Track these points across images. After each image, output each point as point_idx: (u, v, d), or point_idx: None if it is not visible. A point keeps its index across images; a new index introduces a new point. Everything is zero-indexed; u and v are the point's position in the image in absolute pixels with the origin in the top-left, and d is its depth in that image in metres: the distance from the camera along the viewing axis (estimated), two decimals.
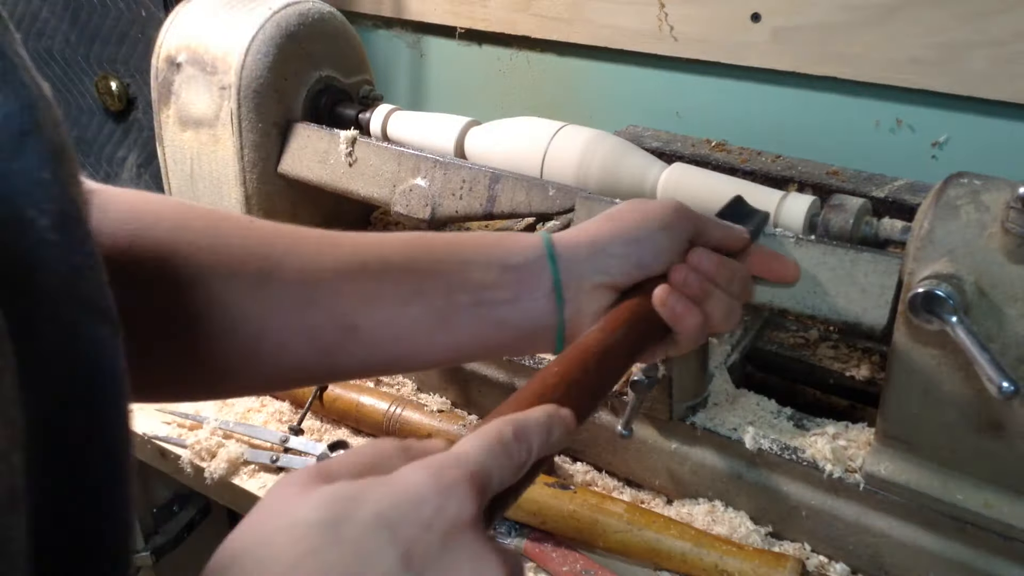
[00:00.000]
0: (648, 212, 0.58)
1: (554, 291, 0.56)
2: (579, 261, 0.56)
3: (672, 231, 0.57)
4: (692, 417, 0.74)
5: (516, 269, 0.56)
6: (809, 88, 0.99)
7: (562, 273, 0.56)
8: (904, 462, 0.64)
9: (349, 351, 0.54)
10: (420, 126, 0.92)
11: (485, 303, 0.55)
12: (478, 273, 0.55)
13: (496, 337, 0.56)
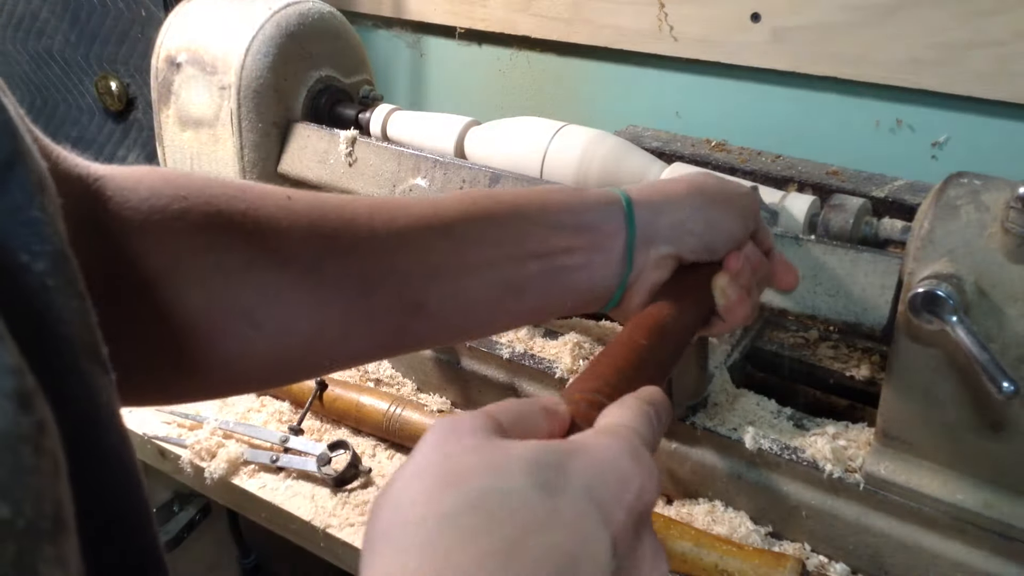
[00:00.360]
0: (729, 195, 0.57)
1: (626, 256, 0.53)
2: (656, 227, 0.54)
3: (747, 222, 0.57)
4: (692, 417, 0.74)
5: (590, 230, 0.52)
6: (809, 88, 0.99)
7: (637, 237, 0.53)
8: (904, 462, 0.64)
9: (413, 331, 0.50)
10: (420, 126, 0.92)
11: (557, 268, 0.52)
12: (552, 237, 0.52)
13: (561, 301, 0.54)
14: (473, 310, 0.51)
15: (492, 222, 0.51)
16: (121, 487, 0.33)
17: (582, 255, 0.52)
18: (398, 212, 0.50)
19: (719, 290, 0.55)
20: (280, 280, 0.46)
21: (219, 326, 0.46)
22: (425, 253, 0.49)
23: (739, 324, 0.57)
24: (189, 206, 0.45)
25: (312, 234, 0.48)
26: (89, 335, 0.32)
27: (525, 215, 0.52)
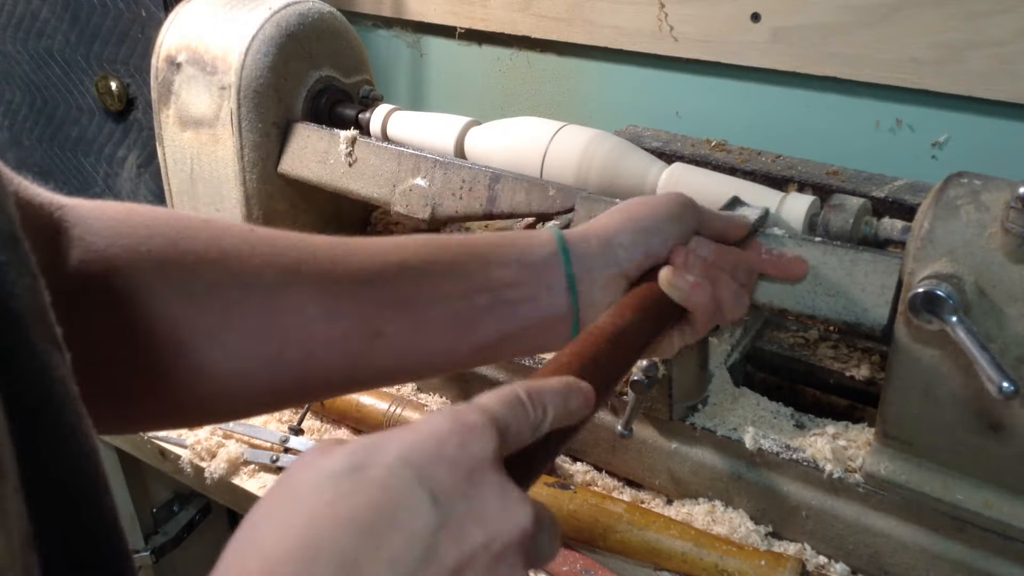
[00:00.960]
0: (655, 204, 0.60)
1: (568, 285, 0.56)
2: (591, 254, 0.57)
3: (678, 221, 0.59)
4: (692, 417, 0.74)
5: (533, 266, 0.56)
6: (809, 88, 0.99)
7: (575, 266, 0.56)
8: (904, 462, 0.64)
9: (374, 359, 0.53)
10: (420, 126, 0.92)
11: (505, 302, 0.55)
12: (498, 272, 0.55)
13: (516, 335, 0.56)
14: (430, 341, 0.54)
15: (444, 256, 0.55)
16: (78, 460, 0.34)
17: (528, 289, 0.56)
18: (357, 247, 0.54)
19: (665, 283, 0.56)
20: (243, 304, 0.49)
21: (183, 347, 0.48)
22: (383, 285, 0.53)
23: (709, 312, 0.58)
24: (152, 234, 0.48)
25: (274, 263, 0.50)
26: (41, 313, 0.34)
27: (473, 252, 0.56)
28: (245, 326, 0.49)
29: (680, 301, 0.56)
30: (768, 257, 0.64)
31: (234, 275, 0.49)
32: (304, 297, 0.50)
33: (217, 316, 0.48)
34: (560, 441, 0.42)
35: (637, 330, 0.52)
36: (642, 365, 0.69)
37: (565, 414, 0.40)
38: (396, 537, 0.32)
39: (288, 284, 0.50)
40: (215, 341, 0.48)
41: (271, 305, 0.50)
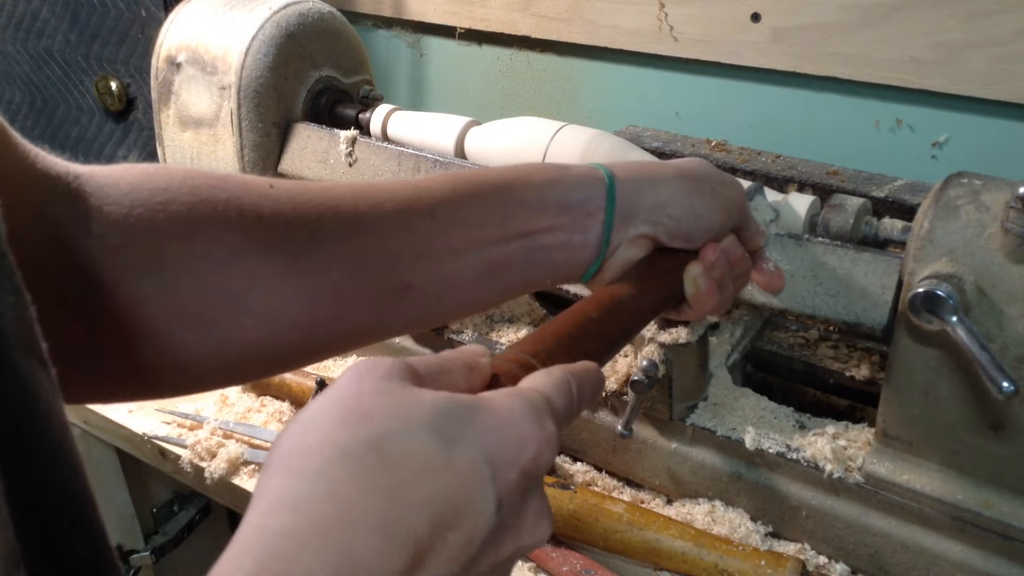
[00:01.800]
0: (717, 188, 0.57)
1: (603, 233, 0.54)
2: (636, 206, 0.54)
3: (729, 216, 0.58)
4: (692, 417, 0.74)
5: (572, 209, 0.53)
6: (809, 88, 0.99)
7: (616, 215, 0.54)
8: (904, 462, 0.64)
9: (402, 311, 0.51)
10: (420, 126, 0.92)
11: (538, 247, 0.53)
12: (535, 217, 0.53)
13: (541, 278, 0.55)
14: (459, 290, 0.52)
15: (476, 203, 0.52)
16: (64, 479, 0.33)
17: (563, 233, 0.53)
18: (382, 197, 0.51)
19: (690, 279, 0.55)
20: (268, 266, 0.47)
21: (210, 313, 0.46)
22: (410, 236, 0.50)
23: (706, 315, 0.58)
24: (171, 197, 0.46)
25: (296, 221, 0.48)
26: (25, 330, 0.33)
27: (510, 194, 0.53)
28: (271, 289, 0.47)
29: (691, 300, 0.56)
30: (761, 265, 0.64)
31: (255, 238, 0.47)
32: (328, 256, 0.49)
33: (241, 282, 0.47)
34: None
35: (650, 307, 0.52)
36: (642, 365, 0.69)
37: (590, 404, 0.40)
38: (460, 536, 0.31)
39: (311, 243, 0.48)
40: (242, 307, 0.47)
41: (296, 266, 0.48)
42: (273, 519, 0.29)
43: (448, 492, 0.31)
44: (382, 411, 0.32)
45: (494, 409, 0.34)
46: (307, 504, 0.29)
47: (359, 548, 0.29)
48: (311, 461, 0.30)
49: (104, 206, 0.45)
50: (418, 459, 0.31)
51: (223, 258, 0.46)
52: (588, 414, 0.80)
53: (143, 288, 0.45)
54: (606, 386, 0.76)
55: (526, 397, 0.35)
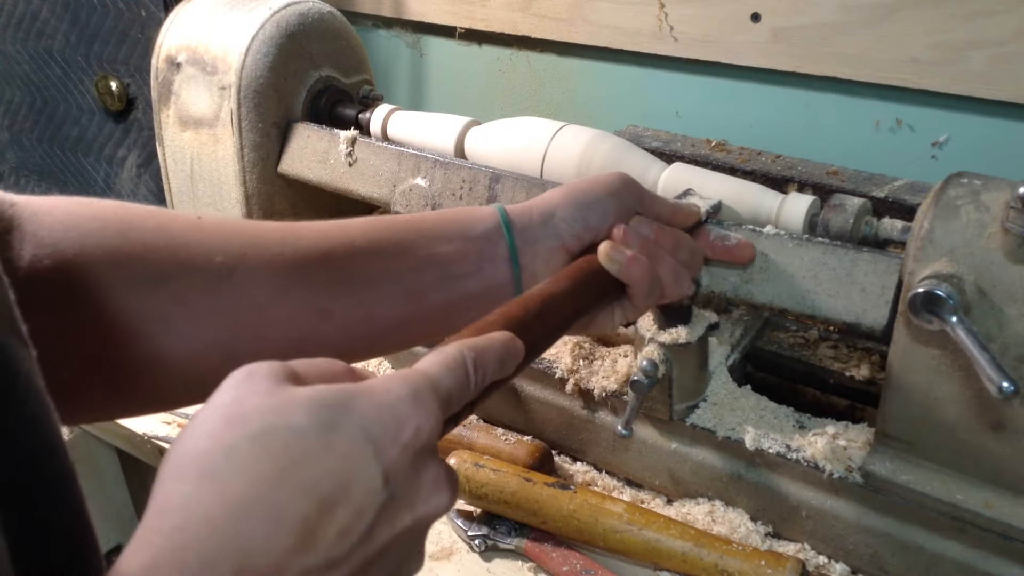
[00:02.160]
0: (596, 180, 0.62)
1: (510, 257, 0.58)
2: (532, 227, 0.59)
3: (617, 196, 0.61)
4: (692, 417, 0.74)
5: (476, 240, 0.58)
6: (809, 88, 0.99)
7: (516, 239, 0.59)
8: (904, 462, 0.64)
9: (325, 338, 0.54)
10: (420, 126, 0.92)
11: (451, 276, 0.57)
12: (442, 247, 0.57)
13: (461, 308, 0.58)
14: (378, 317, 0.56)
15: (390, 234, 0.57)
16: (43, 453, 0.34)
17: (472, 262, 0.58)
18: (304, 230, 0.56)
19: (603, 255, 0.58)
20: (193, 289, 0.50)
21: (137, 335, 0.49)
22: (329, 266, 0.54)
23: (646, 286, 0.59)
24: (103, 225, 0.49)
25: (222, 248, 0.52)
26: (4, 308, 0.34)
27: (418, 230, 0.58)
28: (196, 311, 0.50)
29: (616, 274, 0.58)
30: (716, 242, 0.66)
31: (182, 262, 0.50)
32: (253, 280, 0.52)
33: (168, 303, 0.49)
34: (487, 395, 0.43)
35: (569, 298, 0.54)
36: (642, 365, 0.69)
37: (499, 373, 0.42)
38: (349, 511, 0.33)
39: (236, 268, 0.51)
40: (168, 328, 0.49)
41: (220, 289, 0.51)
42: (165, 520, 0.31)
43: (331, 473, 0.33)
44: (261, 409, 0.34)
45: (371, 393, 0.36)
46: (195, 501, 0.31)
47: (249, 534, 0.31)
48: (197, 463, 0.32)
49: (38, 232, 0.47)
50: (298, 448, 0.33)
51: (150, 281, 0.49)
52: (588, 414, 0.80)
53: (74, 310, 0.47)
54: (606, 386, 0.76)
55: (403, 377, 0.37)
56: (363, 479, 0.33)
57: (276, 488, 0.32)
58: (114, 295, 0.48)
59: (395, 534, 0.35)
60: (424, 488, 0.36)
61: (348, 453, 0.33)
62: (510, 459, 0.78)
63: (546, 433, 0.83)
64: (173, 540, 0.31)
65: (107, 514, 1.11)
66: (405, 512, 0.35)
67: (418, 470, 0.36)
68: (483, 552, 0.74)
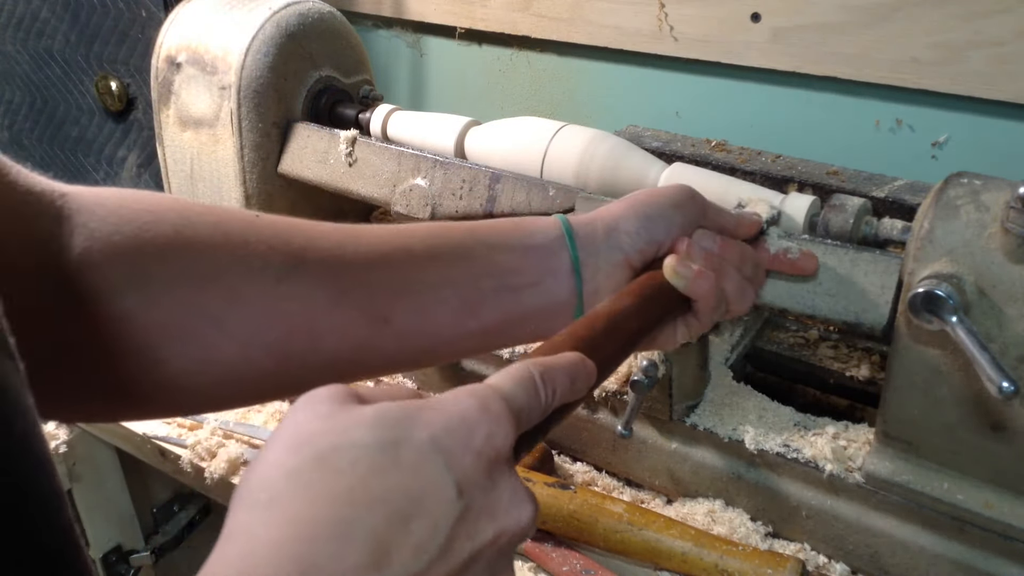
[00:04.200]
0: (661, 192, 0.60)
1: (573, 270, 0.56)
2: (595, 239, 0.57)
3: (683, 209, 0.59)
4: (692, 417, 0.74)
5: (537, 250, 0.56)
6: (809, 88, 0.99)
7: (580, 252, 0.56)
8: (904, 462, 0.64)
9: (380, 345, 0.52)
10: (420, 126, 0.92)
11: (510, 287, 0.55)
12: (502, 256, 0.55)
13: (519, 321, 0.56)
14: (435, 326, 0.54)
15: (448, 242, 0.55)
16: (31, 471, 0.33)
17: (532, 274, 0.56)
18: (362, 233, 0.54)
19: (670, 271, 0.56)
20: (249, 289, 0.48)
21: (187, 331, 0.47)
22: (389, 270, 0.53)
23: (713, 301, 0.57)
24: (157, 219, 0.48)
25: (279, 249, 0.50)
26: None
27: (478, 238, 0.56)
28: (251, 312, 0.48)
29: (683, 289, 0.56)
30: (778, 254, 0.64)
31: (239, 260, 0.49)
32: (310, 283, 0.50)
33: (223, 301, 0.48)
34: (559, 418, 0.42)
35: (635, 315, 0.52)
36: (642, 365, 0.69)
37: (571, 392, 0.41)
38: (424, 524, 0.32)
39: (294, 270, 0.50)
40: (221, 327, 0.48)
41: (277, 291, 0.49)
42: (231, 547, 0.31)
43: (400, 487, 0.32)
44: (323, 431, 0.33)
45: (438, 406, 0.35)
46: (260, 527, 0.31)
47: (316, 554, 0.30)
48: (263, 491, 0.32)
49: (89, 223, 0.46)
50: (364, 465, 0.32)
51: (205, 277, 0.48)
52: (588, 414, 0.80)
53: (125, 304, 0.46)
54: (606, 386, 0.76)
55: (470, 390, 0.36)
56: (435, 490, 0.32)
57: (343, 506, 0.31)
58: (167, 290, 0.47)
59: (476, 547, 0.33)
60: (504, 498, 0.35)
61: (417, 465, 0.32)
62: None
63: None
64: (237, 566, 0.30)
65: (107, 514, 1.11)
66: (485, 523, 0.34)
67: (495, 481, 0.34)
68: None
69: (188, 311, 0.47)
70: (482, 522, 0.34)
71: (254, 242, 0.49)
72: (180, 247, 0.48)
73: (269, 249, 0.50)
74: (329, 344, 0.51)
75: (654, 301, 0.55)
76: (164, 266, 0.47)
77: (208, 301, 0.47)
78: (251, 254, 0.49)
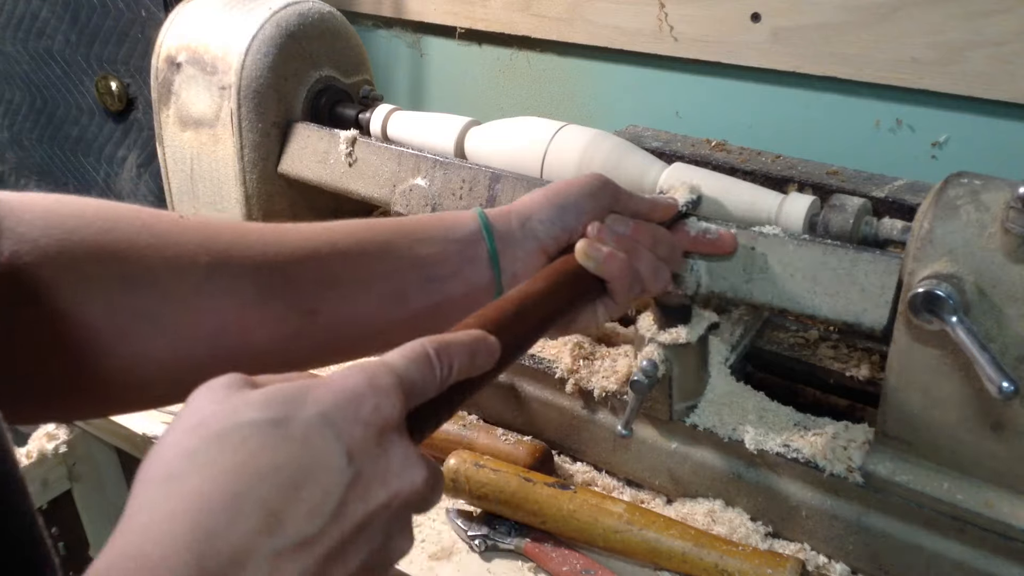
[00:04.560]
0: (573, 182, 0.63)
1: (491, 259, 0.60)
2: (511, 230, 0.61)
3: (593, 196, 0.62)
4: (692, 417, 0.74)
5: (458, 242, 0.59)
6: (809, 88, 0.99)
7: (497, 242, 0.60)
8: (904, 462, 0.64)
9: (310, 337, 0.55)
10: (420, 126, 0.92)
11: (433, 277, 0.58)
12: (425, 248, 0.58)
13: (444, 309, 0.59)
14: (363, 317, 0.57)
15: (374, 236, 0.58)
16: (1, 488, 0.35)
17: (453, 264, 0.59)
18: (288, 231, 0.56)
19: (580, 253, 0.59)
20: (179, 287, 0.51)
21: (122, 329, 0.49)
22: (316, 264, 0.55)
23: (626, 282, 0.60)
24: (86, 223, 0.49)
25: (207, 247, 0.52)
26: None
27: (402, 232, 0.59)
28: (182, 309, 0.51)
29: (594, 271, 0.59)
30: (698, 236, 0.67)
31: (168, 260, 0.51)
32: (238, 279, 0.52)
33: (154, 300, 0.50)
34: (462, 394, 0.44)
35: (548, 297, 0.55)
36: (642, 365, 0.69)
37: (471, 368, 0.43)
38: (315, 491, 0.34)
39: (222, 266, 0.52)
40: (154, 325, 0.50)
41: (206, 288, 0.51)
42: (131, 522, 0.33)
43: (291, 457, 0.34)
44: (217, 413, 0.35)
45: (329, 383, 0.37)
46: (159, 502, 0.33)
47: (209, 523, 0.32)
48: (161, 469, 0.34)
49: (17, 227, 0.47)
50: (255, 440, 0.34)
51: (136, 277, 0.50)
52: (588, 414, 0.80)
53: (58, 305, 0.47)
54: (606, 386, 0.76)
55: (359, 366, 0.38)
56: (325, 458, 0.34)
57: (235, 479, 0.33)
58: (98, 292, 0.48)
59: (370, 510, 0.36)
60: (395, 463, 0.37)
61: (306, 437, 0.34)
62: (510, 459, 0.78)
63: (546, 433, 0.83)
64: (137, 537, 0.32)
65: (107, 514, 1.11)
66: (377, 487, 0.36)
67: (385, 448, 0.37)
68: (483, 552, 0.74)
69: (120, 309, 0.49)
70: (374, 487, 0.36)
71: (181, 243, 0.52)
72: (110, 250, 0.49)
73: (197, 248, 0.52)
74: (259, 337, 0.53)
75: (566, 284, 0.58)
76: (94, 267, 0.49)
77: (139, 300, 0.50)
78: (179, 254, 0.51)
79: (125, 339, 0.49)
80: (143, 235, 0.51)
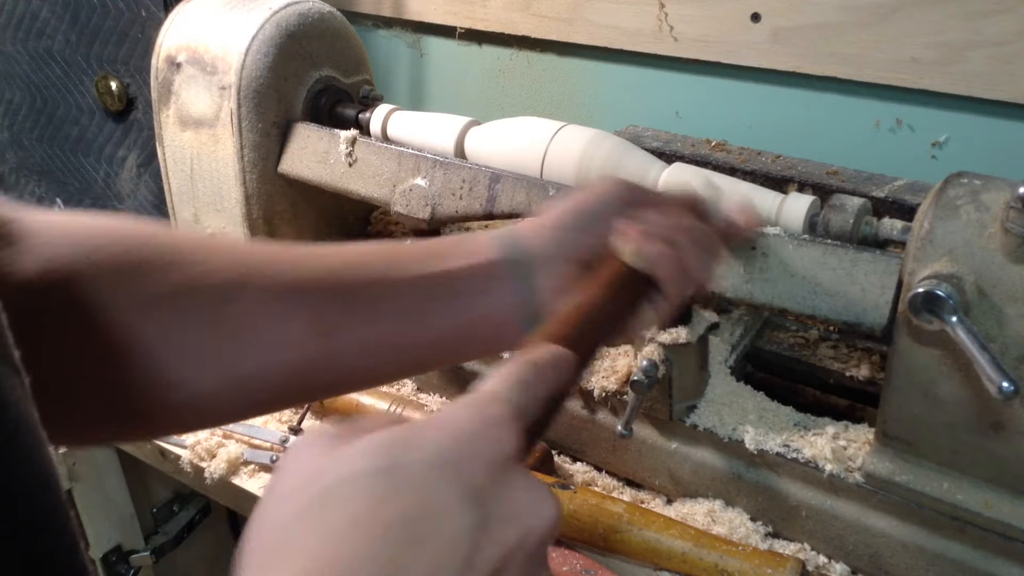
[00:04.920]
0: (597, 188, 0.61)
1: (515, 275, 0.57)
2: (538, 243, 0.58)
3: (619, 199, 0.60)
4: (692, 417, 0.74)
5: (478, 256, 0.57)
6: (809, 88, 0.99)
7: (523, 255, 0.58)
8: (904, 462, 0.64)
9: (330, 360, 0.54)
10: (420, 126, 0.92)
11: (456, 293, 0.56)
12: (446, 264, 0.57)
13: (469, 328, 0.57)
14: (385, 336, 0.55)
15: (390, 256, 0.57)
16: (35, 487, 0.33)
17: (478, 281, 0.56)
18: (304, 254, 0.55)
19: (630, 254, 0.56)
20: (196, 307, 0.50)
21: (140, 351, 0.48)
22: (331, 285, 0.54)
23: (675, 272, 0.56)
24: (110, 241, 0.49)
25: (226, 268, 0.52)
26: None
27: (421, 249, 0.58)
28: (200, 331, 0.50)
29: (647, 269, 0.56)
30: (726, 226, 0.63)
31: (188, 280, 0.50)
32: (255, 302, 0.51)
33: (173, 321, 0.49)
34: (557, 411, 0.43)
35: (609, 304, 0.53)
36: (642, 365, 0.69)
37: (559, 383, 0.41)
38: (437, 543, 0.31)
39: (242, 287, 0.51)
40: (172, 345, 0.49)
41: (224, 310, 0.50)
42: None
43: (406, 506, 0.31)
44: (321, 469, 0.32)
45: (435, 423, 0.34)
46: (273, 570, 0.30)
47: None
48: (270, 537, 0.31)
49: (39, 246, 0.46)
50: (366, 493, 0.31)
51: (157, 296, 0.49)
52: (588, 414, 0.80)
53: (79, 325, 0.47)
54: (606, 386, 0.76)
55: (467, 402, 0.36)
56: (445, 505, 0.31)
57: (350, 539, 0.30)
58: (120, 311, 0.48)
59: (503, 553, 0.33)
60: (522, 500, 0.34)
61: (421, 483, 0.32)
62: None
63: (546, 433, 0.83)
64: None
65: (107, 514, 1.11)
66: (507, 527, 0.33)
67: (509, 482, 0.34)
68: None
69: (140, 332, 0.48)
70: (503, 527, 0.33)
71: (201, 261, 0.51)
72: (133, 268, 0.49)
73: (215, 270, 0.51)
74: (279, 360, 0.52)
75: (623, 288, 0.55)
76: (116, 288, 0.48)
77: (159, 322, 0.49)
78: (199, 274, 0.50)
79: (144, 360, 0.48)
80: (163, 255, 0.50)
